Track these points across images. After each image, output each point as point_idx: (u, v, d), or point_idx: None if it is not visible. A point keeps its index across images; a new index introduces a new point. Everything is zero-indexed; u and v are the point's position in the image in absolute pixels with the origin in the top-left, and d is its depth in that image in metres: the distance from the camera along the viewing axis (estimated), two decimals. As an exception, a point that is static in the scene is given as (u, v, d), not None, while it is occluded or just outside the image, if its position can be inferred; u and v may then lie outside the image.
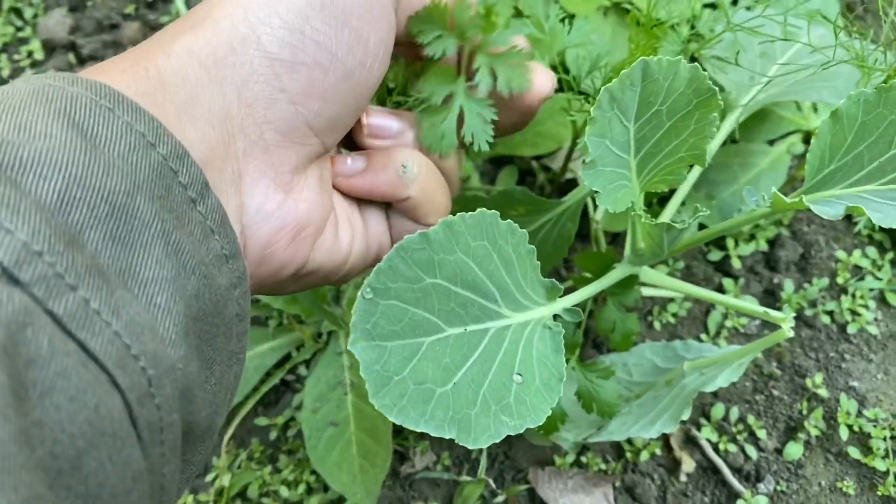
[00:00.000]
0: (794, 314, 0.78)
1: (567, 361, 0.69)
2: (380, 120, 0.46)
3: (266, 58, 0.37)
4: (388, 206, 0.49)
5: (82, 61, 0.99)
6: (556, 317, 0.57)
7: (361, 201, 0.48)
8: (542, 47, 0.70)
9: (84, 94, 0.31)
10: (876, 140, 0.52)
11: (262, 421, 0.78)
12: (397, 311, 0.45)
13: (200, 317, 0.33)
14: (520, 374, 0.50)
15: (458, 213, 0.50)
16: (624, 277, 0.69)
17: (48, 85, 0.31)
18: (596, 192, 0.54)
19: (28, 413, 0.24)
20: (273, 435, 0.78)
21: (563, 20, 0.70)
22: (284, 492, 0.74)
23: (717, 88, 0.53)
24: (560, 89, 0.67)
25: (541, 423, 0.48)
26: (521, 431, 0.47)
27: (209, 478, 0.76)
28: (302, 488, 0.74)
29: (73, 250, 0.27)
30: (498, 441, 0.45)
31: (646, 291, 0.81)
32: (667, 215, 0.73)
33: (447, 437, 0.44)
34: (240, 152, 0.37)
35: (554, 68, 0.67)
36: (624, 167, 0.56)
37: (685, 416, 0.62)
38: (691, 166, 0.58)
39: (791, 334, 0.58)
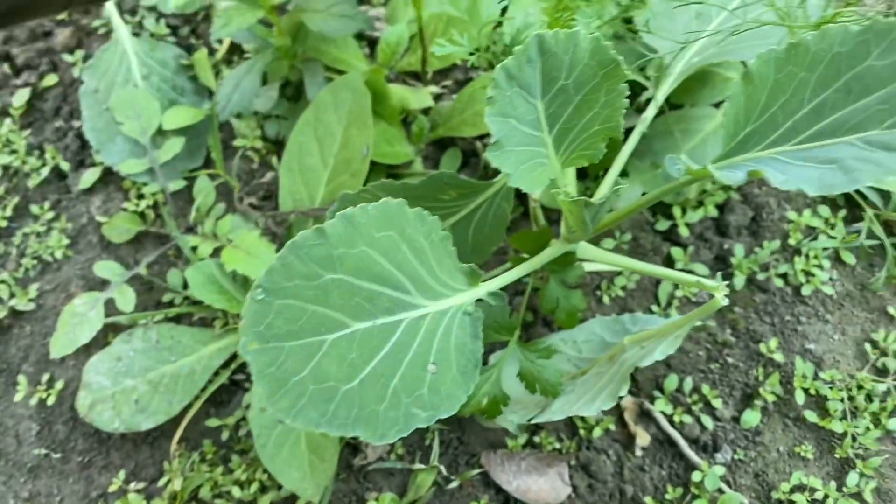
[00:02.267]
0: (745, 278, 0.77)
1: (506, 343, 0.68)
2: None
3: None
4: None
5: (18, 71, 0.98)
6: (480, 301, 0.56)
7: None
8: (460, 26, 0.68)
9: None
10: (789, 99, 0.51)
11: (213, 422, 0.78)
12: (294, 310, 0.44)
13: None
14: (435, 364, 0.49)
15: (360, 205, 0.49)
16: (561, 255, 0.68)
17: None
18: (507, 173, 0.53)
19: None
20: (225, 435, 0.77)
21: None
22: (237, 492, 0.74)
23: (621, 58, 0.52)
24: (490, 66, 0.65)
25: (454, 412, 0.47)
26: (432, 423, 0.46)
27: (162, 482, 0.76)
28: (255, 487, 0.74)
29: None
30: (406, 435, 0.44)
31: (592, 266, 0.80)
32: (604, 189, 0.71)
33: (350, 437, 0.43)
34: None
35: (481, 46, 0.65)
36: (539, 145, 0.55)
37: (623, 392, 0.61)
38: (610, 139, 0.56)
39: (725, 302, 0.57)
